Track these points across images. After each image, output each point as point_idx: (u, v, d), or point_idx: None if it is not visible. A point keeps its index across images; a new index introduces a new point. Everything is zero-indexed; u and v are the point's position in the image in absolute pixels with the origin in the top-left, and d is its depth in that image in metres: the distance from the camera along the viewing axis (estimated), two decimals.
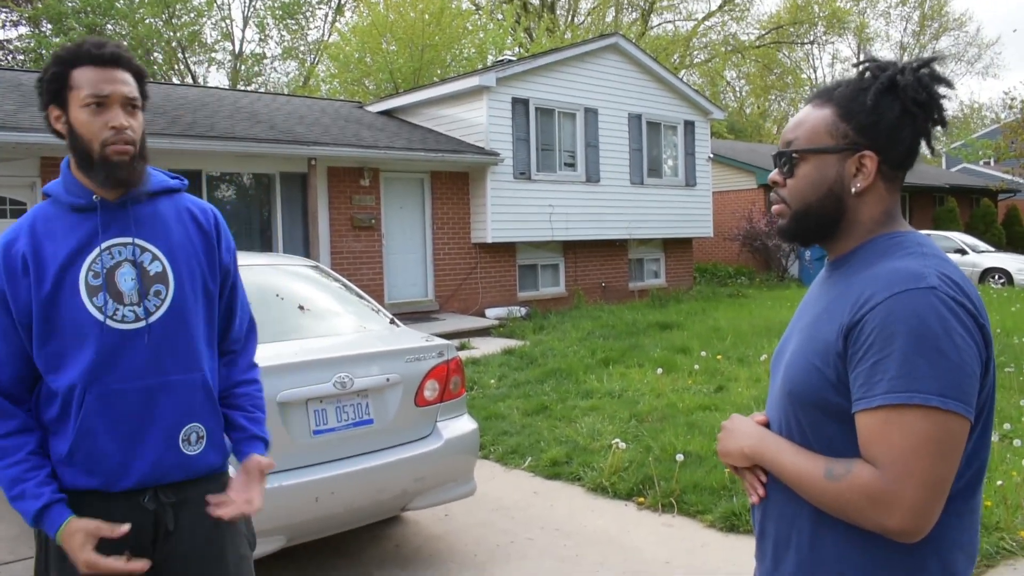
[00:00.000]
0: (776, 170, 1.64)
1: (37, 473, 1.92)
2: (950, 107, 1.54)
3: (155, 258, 2.02)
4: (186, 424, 2.02)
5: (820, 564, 1.50)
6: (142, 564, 1.90)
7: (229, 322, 2.22)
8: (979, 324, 1.40)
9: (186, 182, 2.20)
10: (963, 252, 20.49)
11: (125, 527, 1.90)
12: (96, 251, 1.96)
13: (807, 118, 1.59)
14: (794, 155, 1.59)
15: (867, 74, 1.56)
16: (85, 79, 1.93)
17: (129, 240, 2.00)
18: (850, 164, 1.54)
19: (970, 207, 30.08)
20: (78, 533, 1.87)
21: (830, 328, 1.47)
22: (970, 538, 1.48)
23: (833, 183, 1.55)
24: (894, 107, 1.51)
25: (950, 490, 1.38)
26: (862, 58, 1.60)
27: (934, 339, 1.33)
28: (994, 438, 5.57)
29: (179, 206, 2.13)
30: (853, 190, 1.54)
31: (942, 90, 1.52)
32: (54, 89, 1.97)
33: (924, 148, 1.60)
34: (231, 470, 2.18)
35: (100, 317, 1.93)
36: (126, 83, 1.97)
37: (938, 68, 1.54)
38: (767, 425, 1.63)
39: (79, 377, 1.91)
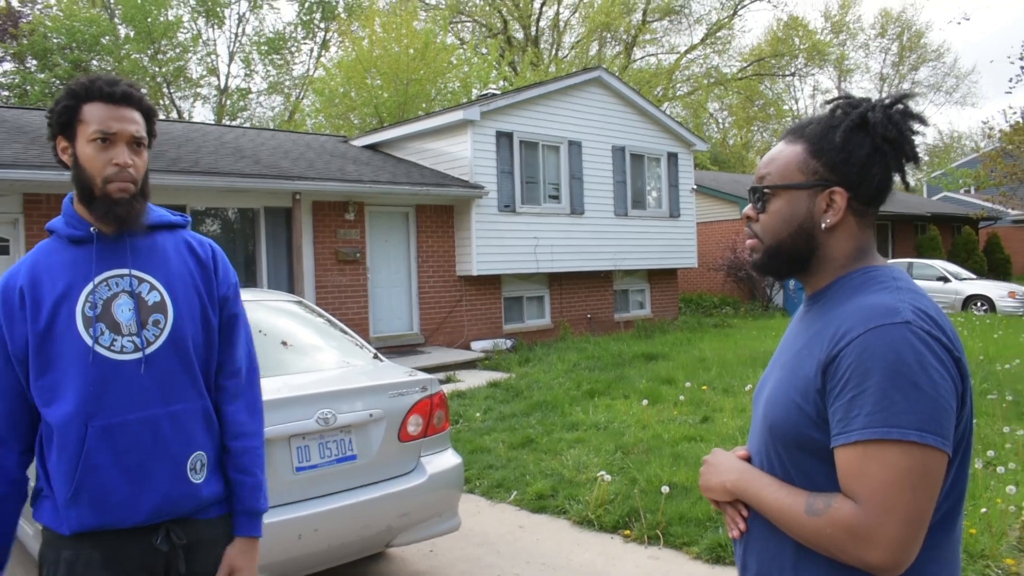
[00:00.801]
0: (750, 205, 1.66)
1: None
2: (924, 141, 1.56)
3: (153, 288, 2.03)
4: (191, 453, 2.02)
5: None
6: None
7: (228, 354, 2.19)
8: (954, 357, 1.41)
9: (189, 219, 2.23)
10: (945, 280, 20.64)
11: None
12: (91, 284, 1.97)
13: (779, 154, 1.61)
14: (766, 191, 1.61)
15: (838, 111, 1.57)
16: (94, 115, 1.97)
17: (126, 271, 2.01)
18: (820, 200, 1.56)
19: (951, 235, 30.35)
20: None
21: (809, 364, 1.48)
22: (951, 571, 1.49)
23: (804, 219, 1.57)
24: (864, 144, 1.52)
25: (929, 523, 1.38)
26: (836, 95, 1.62)
27: (910, 373, 1.34)
28: (978, 465, 5.58)
29: (177, 239, 2.16)
30: (823, 226, 1.56)
31: (915, 126, 1.54)
32: (63, 121, 2.00)
33: (899, 181, 1.62)
34: None
35: (96, 348, 1.93)
36: (134, 121, 2.01)
37: (911, 104, 1.55)
38: (749, 459, 1.63)
39: (75, 410, 1.90)
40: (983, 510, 4.76)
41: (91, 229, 2.00)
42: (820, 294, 1.61)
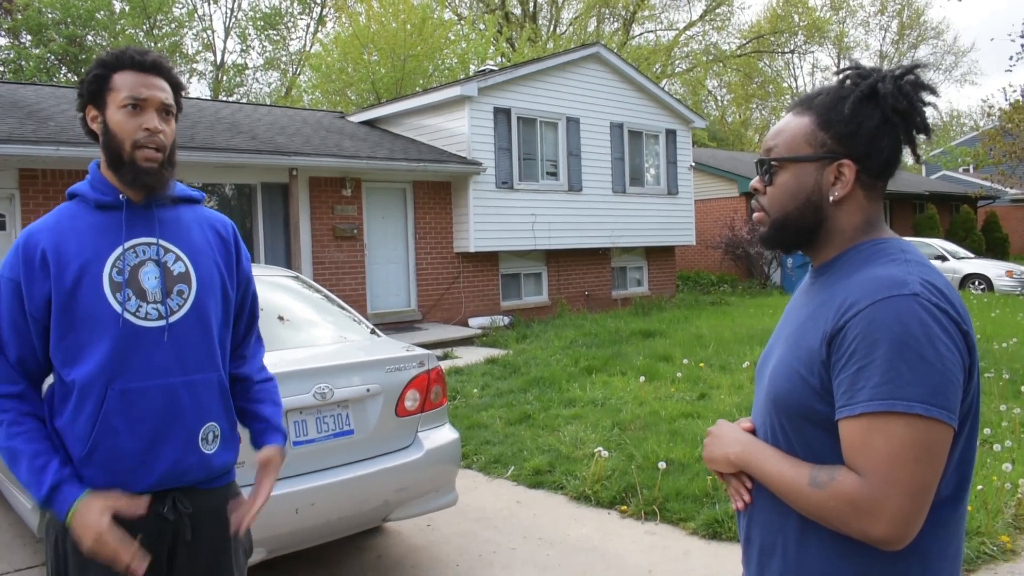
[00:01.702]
0: (757, 177, 1.64)
1: (45, 452, 1.92)
2: (932, 114, 1.54)
3: (178, 259, 2.07)
4: (205, 423, 2.06)
5: (805, 571, 1.49)
6: (141, 567, 1.89)
7: (249, 329, 2.33)
8: (962, 331, 1.39)
9: (204, 195, 2.26)
10: (943, 259, 20.63)
11: (144, 501, 1.93)
12: (120, 249, 2.00)
13: (787, 126, 1.59)
14: (773, 163, 1.59)
15: (847, 82, 1.55)
16: (125, 82, 2.01)
17: (153, 240, 2.05)
18: (828, 173, 1.53)
19: (950, 214, 30.34)
20: (95, 502, 1.87)
21: (814, 336, 1.46)
22: (956, 547, 1.48)
23: (811, 192, 1.55)
24: (874, 116, 1.50)
25: (935, 497, 1.37)
26: (844, 65, 1.60)
27: (917, 346, 1.33)
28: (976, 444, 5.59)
29: (198, 214, 2.21)
30: (831, 198, 1.54)
31: (926, 97, 1.52)
32: (94, 90, 2.03)
33: (908, 155, 1.59)
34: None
35: (121, 312, 1.96)
36: (163, 89, 2.05)
37: (922, 75, 1.53)
38: (753, 432, 1.62)
39: (98, 371, 1.93)
40: (979, 487, 4.78)
41: (120, 196, 2.04)
42: (827, 266, 1.59)
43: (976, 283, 19.97)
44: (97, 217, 2.03)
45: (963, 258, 21.04)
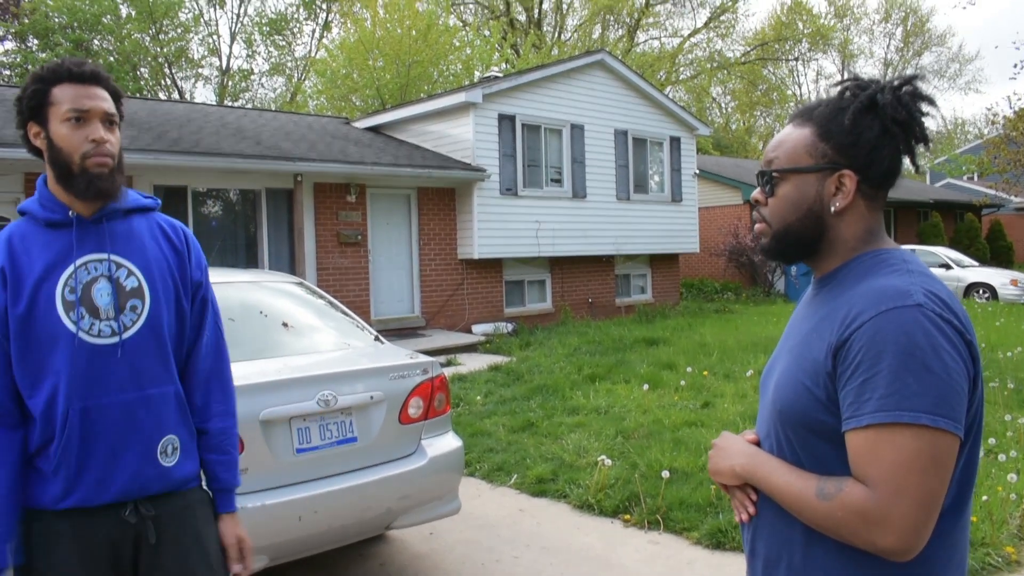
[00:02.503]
0: (758, 189, 1.64)
1: (10, 506, 1.92)
2: (932, 124, 1.54)
3: (131, 273, 2.05)
4: (163, 436, 2.05)
5: None
6: None
7: (198, 337, 2.22)
8: (966, 340, 1.40)
9: (159, 202, 2.23)
10: (948, 267, 20.60)
11: None
12: (72, 267, 1.98)
13: (787, 137, 1.60)
14: (774, 174, 1.60)
15: (847, 93, 1.56)
16: (65, 95, 1.98)
17: (104, 256, 2.02)
18: (829, 183, 1.54)
19: (954, 222, 30.28)
20: None
21: (819, 348, 1.47)
22: (960, 556, 1.48)
23: (813, 203, 1.56)
24: (874, 126, 1.51)
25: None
26: (845, 76, 1.61)
27: (922, 356, 1.33)
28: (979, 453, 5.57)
29: (151, 223, 2.17)
30: (832, 209, 1.54)
31: (925, 107, 1.52)
32: (34, 106, 2.00)
33: (908, 164, 1.60)
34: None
35: (76, 331, 1.94)
36: (105, 99, 2.02)
37: (921, 86, 1.54)
38: (758, 443, 1.62)
39: (59, 393, 1.92)
40: (984, 498, 4.75)
41: (70, 213, 2.01)
42: (829, 277, 1.59)
43: (980, 292, 19.92)
44: (46, 235, 2.00)
45: (967, 267, 21.00)
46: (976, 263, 22.08)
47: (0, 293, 1.93)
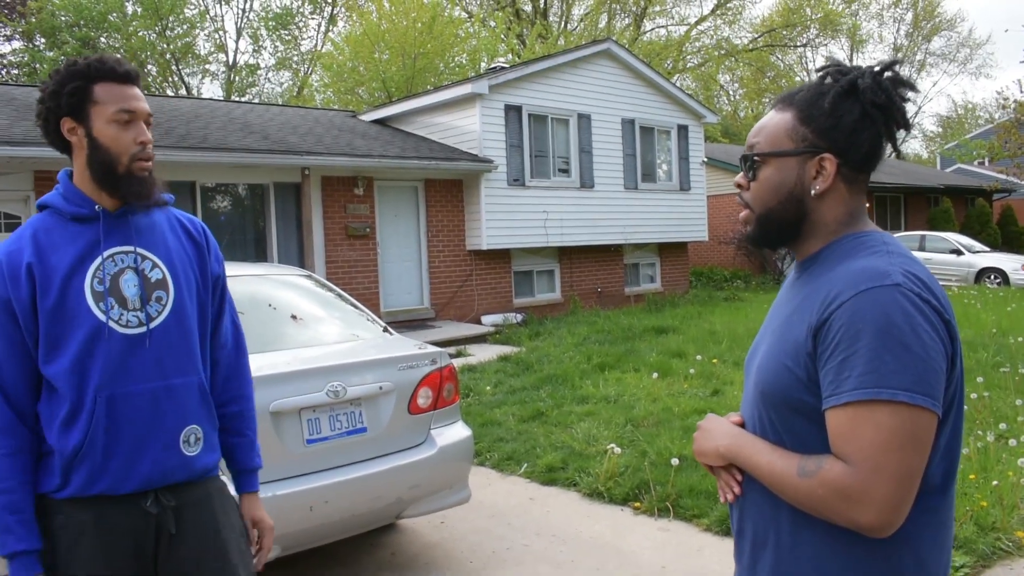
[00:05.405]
0: (740, 174, 1.67)
1: (26, 511, 1.93)
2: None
3: (155, 265, 2.08)
4: (186, 426, 2.08)
5: (798, 563, 1.51)
6: None
7: (217, 328, 2.28)
8: (944, 320, 1.42)
9: (173, 197, 2.26)
10: (959, 253, 20.51)
11: None
12: (99, 259, 2.00)
13: (769, 122, 1.62)
14: (756, 158, 1.62)
15: (828, 79, 1.59)
16: (110, 95, 2.00)
17: (131, 248, 2.06)
18: (810, 167, 1.57)
19: (965, 207, 30.10)
20: None
21: (800, 328, 1.49)
22: (944, 535, 1.50)
23: (793, 186, 1.58)
24: (854, 110, 1.53)
25: (923, 486, 1.40)
26: (824, 63, 1.63)
27: (900, 335, 1.35)
28: (989, 438, 5.56)
29: (169, 217, 2.21)
30: (813, 192, 1.57)
31: (905, 93, 1.55)
32: (74, 102, 1.99)
33: (891, 149, 1.63)
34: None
35: (106, 320, 1.97)
36: (144, 100, 2.06)
37: (900, 71, 1.57)
38: (743, 425, 1.64)
39: (89, 382, 1.95)
40: (994, 483, 4.75)
41: (96, 207, 2.03)
42: (811, 260, 1.61)
43: (992, 277, 19.83)
44: (71, 229, 2.02)
45: (978, 252, 20.89)
46: (987, 248, 21.96)
47: (26, 288, 1.94)
